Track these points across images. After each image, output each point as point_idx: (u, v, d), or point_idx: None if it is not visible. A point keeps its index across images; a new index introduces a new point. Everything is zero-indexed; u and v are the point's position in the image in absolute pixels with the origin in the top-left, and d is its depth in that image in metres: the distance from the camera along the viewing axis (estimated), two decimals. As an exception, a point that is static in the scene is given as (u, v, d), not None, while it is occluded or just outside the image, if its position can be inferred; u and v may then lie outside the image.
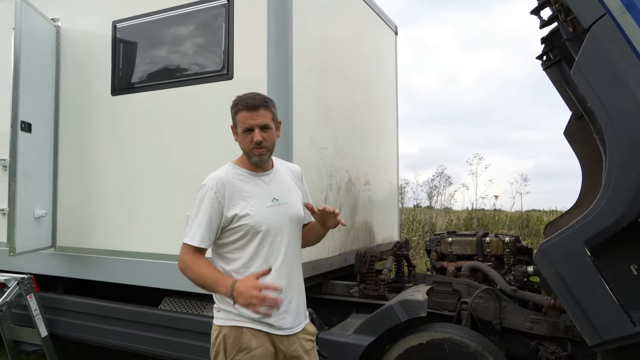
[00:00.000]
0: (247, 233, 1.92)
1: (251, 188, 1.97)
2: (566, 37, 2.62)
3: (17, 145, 3.51)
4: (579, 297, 2.30)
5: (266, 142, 1.94)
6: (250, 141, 1.93)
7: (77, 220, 3.81)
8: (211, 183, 1.94)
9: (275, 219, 1.96)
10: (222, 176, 1.97)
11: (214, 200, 1.91)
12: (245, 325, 1.90)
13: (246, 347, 1.88)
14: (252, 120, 1.92)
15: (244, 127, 1.94)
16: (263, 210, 1.95)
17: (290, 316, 1.98)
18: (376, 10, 4.57)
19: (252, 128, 1.93)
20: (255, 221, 1.92)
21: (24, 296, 3.72)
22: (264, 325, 1.92)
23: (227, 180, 1.95)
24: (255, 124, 1.92)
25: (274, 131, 1.99)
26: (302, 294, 2.10)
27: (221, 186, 1.93)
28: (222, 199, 1.92)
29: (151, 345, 3.45)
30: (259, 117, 1.92)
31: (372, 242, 4.34)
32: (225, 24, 3.18)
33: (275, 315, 1.92)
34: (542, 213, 12.41)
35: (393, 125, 5.05)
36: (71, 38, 3.87)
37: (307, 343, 2.06)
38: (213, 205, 1.91)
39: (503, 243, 3.29)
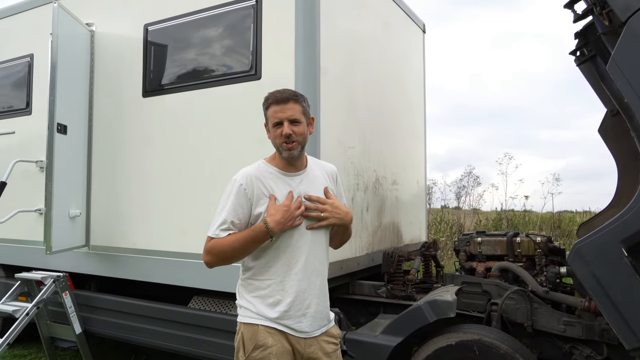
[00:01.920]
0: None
1: (279, 188, 1.94)
2: (602, 31, 2.54)
3: (53, 147, 3.63)
4: (615, 299, 2.23)
5: (296, 136, 1.90)
6: (280, 135, 1.90)
7: (109, 220, 3.91)
8: (241, 178, 1.93)
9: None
10: (252, 172, 1.95)
11: (242, 195, 1.90)
12: (260, 323, 1.90)
13: (262, 344, 1.88)
14: (281, 113, 1.90)
15: (274, 121, 1.92)
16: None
17: (308, 320, 1.94)
18: (404, 8, 4.54)
19: (281, 122, 1.90)
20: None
21: (60, 294, 3.83)
22: (280, 325, 1.91)
23: (256, 177, 1.93)
24: (284, 117, 1.90)
25: (304, 126, 1.94)
26: (323, 299, 2.03)
27: (250, 183, 1.91)
28: (251, 195, 1.91)
29: (180, 343, 3.50)
30: (287, 110, 1.90)
31: (399, 242, 4.31)
32: (254, 24, 3.22)
33: (290, 318, 1.91)
34: (574, 214, 12.09)
35: (421, 124, 5.00)
36: (105, 42, 3.99)
37: (329, 346, 2.00)
38: (241, 201, 1.90)
39: (534, 243, 3.21)
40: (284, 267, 1.93)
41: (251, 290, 1.96)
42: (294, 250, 1.93)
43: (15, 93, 4.54)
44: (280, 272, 1.92)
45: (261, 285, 1.94)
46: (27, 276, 3.97)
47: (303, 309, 1.93)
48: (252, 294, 1.95)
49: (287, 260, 1.93)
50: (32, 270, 4.14)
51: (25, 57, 4.44)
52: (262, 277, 1.94)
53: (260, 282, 1.94)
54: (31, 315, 3.76)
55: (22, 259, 4.35)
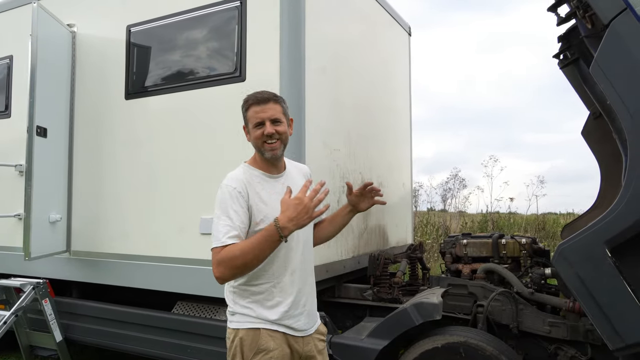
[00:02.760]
0: None
1: (267, 191, 1.95)
2: (584, 34, 2.57)
3: (32, 150, 3.55)
4: (599, 300, 2.24)
5: (278, 135, 1.92)
6: (261, 135, 1.91)
7: (91, 225, 3.84)
8: (235, 184, 1.90)
9: None
10: (243, 177, 1.93)
11: (240, 199, 1.87)
12: (263, 327, 1.89)
13: (264, 348, 1.88)
14: (262, 113, 1.91)
15: (254, 122, 1.92)
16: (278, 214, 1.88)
17: (305, 318, 1.99)
18: (390, 11, 4.56)
19: (263, 121, 1.91)
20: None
21: (39, 301, 3.75)
22: (281, 326, 1.92)
23: (247, 181, 1.93)
24: (265, 117, 1.90)
25: (285, 125, 1.96)
26: (314, 296, 2.11)
27: (244, 187, 1.90)
28: (247, 198, 1.89)
29: (164, 349, 3.45)
30: (268, 109, 1.91)
31: (385, 245, 4.30)
32: (238, 26, 3.19)
33: (291, 317, 1.93)
34: (558, 216, 12.24)
35: (407, 127, 5.01)
36: (86, 43, 3.92)
37: (320, 343, 2.08)
38: (241, 204, 1.87)
39: (519, 245, 3.23)
40: (280, 268, 1.93)
41: (246, 296, 1.93)
42: (288, 250, 1.93)
43: (-7, 95, 4.44)
44: (277, 274, 1.92)
45: (258, 289, 1.92)
46: (5, 283, 3.88)
47: (300, 308, 1.97)
48: (248, 299, 1.92)
49: (283, 262, 1.93)
50: (11, 277, 4.04)
51: (4, 59, 4.35)
52: (258, 281, 1.92)
53: (257, 287, 1.92)
54: (9, 324, 3.68)
55: (0, 266, 4.25)
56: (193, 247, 3.32)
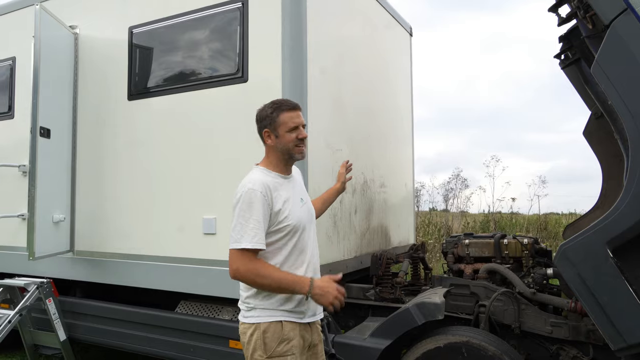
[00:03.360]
0: (288, 233, 2.07)
1: (285, 191, 2.11)
2: (585, 34, 2.57)
3: (36, 151, 3.57)
4: (601, 300, 2.25)
5: (305, 140, 2.14)
6: (295, 138, 2.09)
7: (94, 225, 3.86)
8: (259, 187, 2.02)
9: (305, 217, 2.16)
10: (264, 180, 2.06)
11: (264, 203, 2.00)
12: (283, 319, 2.04)
13: (287, 338, 2.02)
14: (297, 119, 2.10)
15: (290, 126, 2.09)
16: (298, 210, 2.12)
17: (313, 304, 2.13)
18: (391, 11, 4.56)
19: (297, 126, 2.10)
20: (296, 221, 2.08)
21: (43, 300, 3.77)
22: (296, 316, 2.07)
23: (270, 184, 2.06)
24: (299, 122, 2.11)
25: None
26: None
27: (267, 190, 2.03)
28: (270, 201, 2.03)
29: (167, 349, 3.47)
30: (300, 116, 2.13)
31: (387, 245, 4.31)
32: (240, 27, 3.20)
33: (304, 303, 2.09)
34: (560, 216, 12.21)
35: (409, 127, 5.02)
36: (89, 45, 3.94)
37: (320, 332, 2.28)
38: (265, 209, 2.00)
39: (521, 245, 3.23)
40: (299, 259, 2.10)
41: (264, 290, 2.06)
42: (303, 243, 2.12)
43: (-4, 97, 4.46)
44: (295, 265, 2.09)
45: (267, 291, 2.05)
46: (9, 283, 3.90)
47: None
48: (266, 293, 2.04)
49: (299, 253, 2.10)
50: (15, 276, 4.07)
51: (7, 60, 4.37)
52: None
53: None
54: (13, 323, 3.70)
55: (5, 266, 4.28)
56: (196, 247, 3.33)
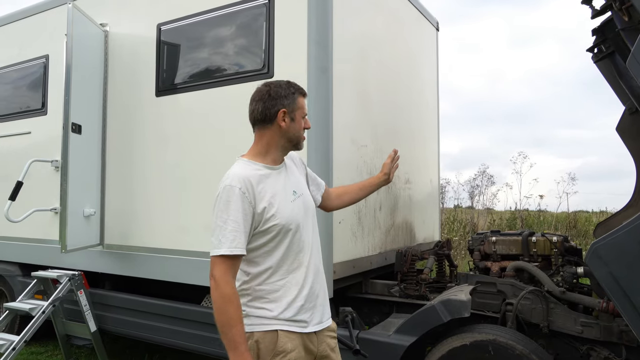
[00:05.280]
0: (278, 234, 1.80)
1: (272, 184, 1.84)
2: (621, 27, 2.49)
3: (68, 147, 3.66)
4: (635, 300, 2.19)
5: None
6: (303, 127, 1.92)
7: (123, 219, 3.94)
8: (237, 182, 1.76)
9: (299, 213, 1.87)
10: (245, 173, 1.80)
11: (244, 201, 1.74)
12: (280, 328, 1.79)
13: (282, 350, 1.78)
14: (306, 107, 1.94)
15: (305, 112, 1.92)
16: (289, 206, 1.84)
17: (319, 311, 1.91)
18: (417, 6, 4.51)
19: (306, 114, 1.94)
20: (285, 220, 1.80)
21: (75, 292, 3.88)
22: (297, 325, 1.83)
23: (252, 178, 1.79)
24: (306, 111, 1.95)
25: None
26: (326, 291, 2.00)
27: (248, 185, 1.77)
28: (252, 199, 1.76)
29: (193, 341, 3.52)
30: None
31: (412, 242, 4.28)
32: (266, 23, 3.21)
33: (307, 311, 1.85)
34: (590, 214, 11.91)
35: (434, 123, 4.96)
36: (118, 42, 4.02)
37: (332, 341, 1.99)
38: (244, 207, 1.74)
39: (550, 243, 3.16)
40: (295, 262, 1.85)
41: (261, 297, 1.82)
42: (299, 243, 1.86)
43: (31, 94, 4.60)
44: (291, 269, 1.84)
45: (273, 287, 1.83)
46: (43, 275, 4.02)
47: (314, 299, 1.89)
48: (264, 300, 1.82)
49: (295, 255, 1.85)
50: (48, 268, 4.19)
51: (41, 58, 4.50)
52: (274, 279, 1.83)
53: (272, 285, 1.83)
54: (47, 313, 3.81)
55: (38, 258, 4.41)
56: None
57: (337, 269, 3.11)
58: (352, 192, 2.32)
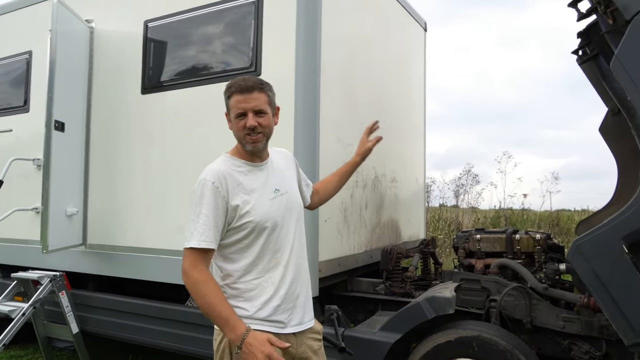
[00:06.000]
0: (252, 231, 1.78)
1: (251, 181, 1.82)
2: (605, 29, 2.55)
3: (50, 145, 3.59)
4: (615, 295, 2.24)
5: (261, 128, 1.80)
6: (243, 127, 1.79)
7: (107, 219, 3.88)
8: (211, 177, 1.76)
9: (279, 212, 1.84)
10: (221, 169, 1.79)
11: (217, 195, 1.74)
12: (254, 327, 1.73)
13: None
14: (245, 103, 1.77)
15: (237, 112, 1.79)
16: (267, 203, 1.81)
17: (299, 312, 1.87)
18: (405, 6, 4.55)
19: (245, 112, 1.78)
20: (260, 217, 1.78)
21: (56, 293, 3.80)
22: (272, 325, 1.79)
23: (227, 173, 1.79)
24: (248, 108, 1.77)
25: (270, 117, 1.84)
26: (309, 289, 1.96)
27: (223, 180, 1.76)
28: (225, 194, 1.75)
29: (177, 342, 3.49)
30: (252, 99, 1.77)
31: (398, 240, 4.31)
32: (254, 21, 3.21)
33: (283, 312, 1.82)
34: (572, 212, 12.12)
35: (421, 122, 5.01)
36: (104, 38, 3.96)
37: (315, 343, 1.95)
38: (217, 201, 1.74)
39: (534, 240, 3.22)
40: (272, 261, 1.82)
41: (236, 295, 1.80)
42: (277, 242, 1.83)
43: (13, 90, 4.51)
44: (268, 268, 1.81)
45: (248, 286, 1.80)
46: (23, 276, 3.94)
47: (293, 300, 1.85)
48: (239, 299, 1.80)
49: (273, 254, 1.82)
50: (29, 269, 4.11)
51: (24, 54, 4.41)
52: (248, 277, 1.81)
53: (247, 284, 1.80)
54: (27, 315, 3.73)
55: (19, 259, 4.32)
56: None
57: (322, 267, 3.11)
58: (332, 183, 2.33)
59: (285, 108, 2.86)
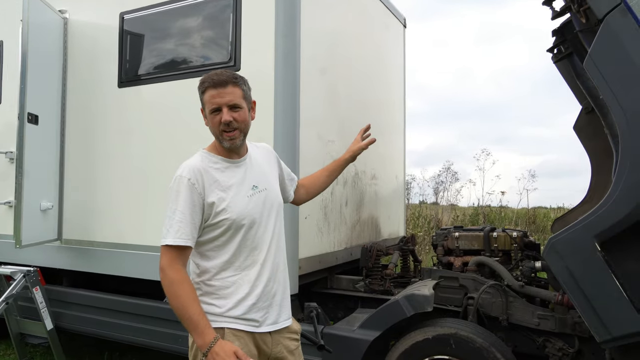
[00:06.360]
0: (228, 228, 1.76)
1: (228, 178, 1.80)
2: (579, 28, 2.58)
3: (23, 138, 3.51)
4: (588, 293, 2.27)
5: (237, 123, 1.77)
6: (219, 122, 1.76)
7: (83, 213, 3.82)
8: (187, 173, 1.74)
9: (256, 209, 1.82)
10: (198, 165, 1.77)
11: (193, 192, 1.72)
12: (227, 326, 1.74)
13: None
14: (219, 98, 1.74)
15: (211, 107, 1.76)
16: (244, 201, 1.79)
17: (274, 310, 1.85)
18: (385, 2, 4.54)
19: (220, 107, 1.75)
20: (237, 215, 1.75)
21: (30, 289, 3.73)
22: (247, 323, 1.78)
23: (204, 170, 1.76)
24: (223, 102, 1.74)
25: (246, 111, 1.81)
26: (286, 288, 1.94)
27: (199, 176, 1.74)
28: (201, 190, 1.73)
29: (155, 338, 3.46)
30: (226, 94, 1.74)
31: (378, 237, 4.32)
32: (233, 15, 3.16)
33: (259, 310, 1.80)
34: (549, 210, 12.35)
35: (400, 119, 5.01)
36: (79, 30, 3.87)
37: (292, 343, 1.93)
38: (193, 198, 1.72)
39: (510, 238, 3.26)
40: (249, 259, 1.81)
41: (211, 292, 1.79)
42: (254, 239, 1.81)
43: (-17, 82, 4.38)
44: (244, 266, 1.80)
45: (224, 284, 1.78)
46: (-5, 271, 3.85)
47: (270, 299, 1.83)
48: (213, 296, 1.78)
49: (249, 252, 1.80)
50: (1, 265, 4.02)
51: (-5, 45, 4.29)
52: (224, 275, 1.79)
53: (222, 281, 1.79)
54: (0, 311, 3.65)
55: (-9, 254, 4.22)
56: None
57: (302, 265, 3.10)
58: (320, 179, 2.34)
59: (264, 103, 2.85)
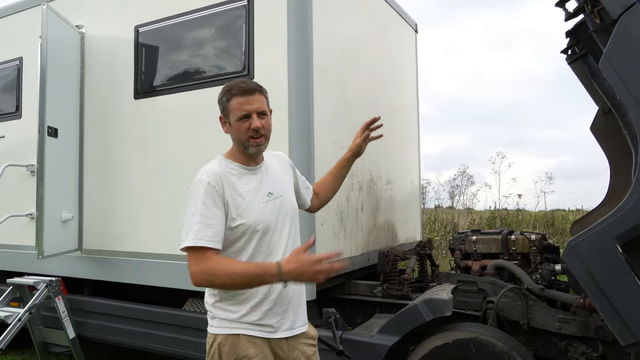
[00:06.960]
0: (244, 234, 1.78)
1: (245, 184, 1.82)
2: (593, 29, 2.56)
3: (44, 151, 3.59)
4: (610, 295, 2.24)
5: (264, 130, 1.80)
6: (247, 129, 1.78)
7: (102, 223, 3.87)
8: (208, 177, 1.76)
9: (272, 216, 1.83)
10: (218, 170, 1.80)
11: (215, 195, 1.74)
12: (242, 333, 1.76)
13: (243, 355, 1.75)
14: (249, 105, 1.77)
15: (240, 114, 1.78)
16: (259, 207, 1.81)
17: (290, 316, 1.85)
18: (396, 8, 4.55)
19: (249, 114, 1.78)
20: (252, 220, 1.77)
21: (52, 298, 3.79)
22: (262, 329, 1.79)
23: (223, 175, 1.79)
24: (252, 109, 1.77)
25: (270, 119, 1.86)
26: (302, 294, 1.94)
27: (219, 181, 1.76)
28: (222, 194, 1.76)
29: (175, 346, 3.48)
30: (255, 101, 1.78)
31: (394, 242, 4.31)
32: (246, 25, 3.20)
33: (275, 316, 1.81)
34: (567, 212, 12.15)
35: (414, 123, 5.01)
36: (95, 44, 3.95)
37: (309, 348, 1.93)
38: (215, 201, 1.74)
39: (529, 241, 3.22)
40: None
41: (227, 298, 1.80)
42: (268, 245, 1.81)
43: (4, 97, 4.49)
44: None
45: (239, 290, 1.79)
46: (19, 281, 3.93)
47: (285, 304, 1.84)
48: (230, 301, 1.80)
49: (264, 257, 1.80)
50: (25, 275, 4.10)
51: (14, 61, 4.39)
52: None
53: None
54: (23, 321, 3.72)
55: (14, 264, 4.31)
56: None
57: (319, 271, 3.10)
58: (327, 183, 2.29)
59: (279, 111, 2.87)
